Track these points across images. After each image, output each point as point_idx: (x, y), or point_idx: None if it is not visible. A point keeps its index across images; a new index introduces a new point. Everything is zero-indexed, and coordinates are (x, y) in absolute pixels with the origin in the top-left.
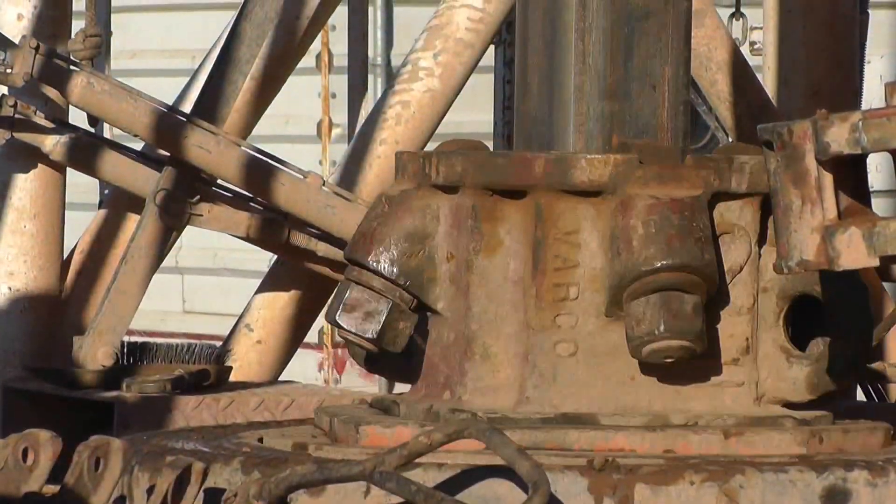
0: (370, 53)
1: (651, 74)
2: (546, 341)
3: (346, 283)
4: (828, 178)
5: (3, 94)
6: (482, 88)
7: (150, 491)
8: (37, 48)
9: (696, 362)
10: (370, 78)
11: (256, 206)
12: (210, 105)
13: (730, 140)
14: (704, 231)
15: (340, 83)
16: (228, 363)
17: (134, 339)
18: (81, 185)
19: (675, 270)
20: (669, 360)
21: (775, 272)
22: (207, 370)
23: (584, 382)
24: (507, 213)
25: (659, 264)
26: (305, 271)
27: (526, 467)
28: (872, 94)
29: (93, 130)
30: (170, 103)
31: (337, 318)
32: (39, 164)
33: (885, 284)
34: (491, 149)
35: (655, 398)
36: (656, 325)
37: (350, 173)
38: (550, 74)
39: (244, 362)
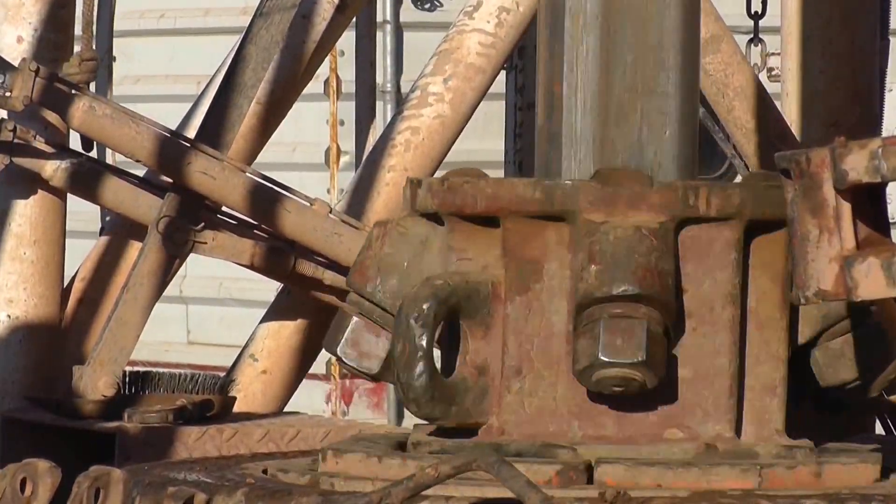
0: (379, 79)
1: None
2: None
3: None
4: (846, 208)
5: (3, 119)
6: (492, 115)
7: None
8: (37, 71)
9: None
10: (380, 104)
11: (261, 233)
12: (214, 130)
13: (748, 169)
14: None
15: (349, 110)
16: (232, 393)
17: (136, 368)
18: (82, 212)
19: None
20: None
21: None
22: (211, 400)
23: None
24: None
25: None
26: (311, 300)
27: (535, 500)
28: (894, 122)
29: (94, 155)
30: (174, 129)
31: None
32: (39, 190)
33: None
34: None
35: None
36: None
37: (357, 201)
38: (637, 99)
39: (248, 393)
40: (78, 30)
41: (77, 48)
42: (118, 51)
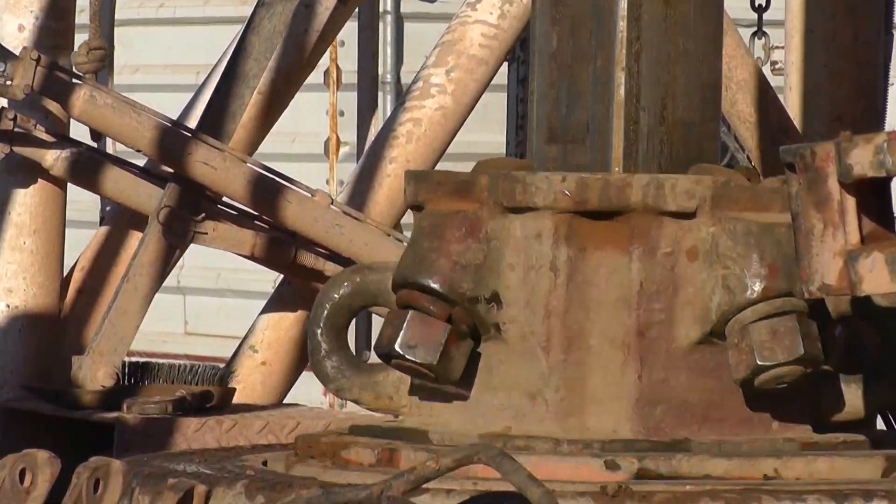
0: (380, 70)
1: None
2: None
3: None
4: (850, 202)
5: (3, 107)
6: (492, 107)
7: None
8: (38, 60)
9: None
10: (379, 95)
11: (262, 224)
12: (216, 120)
13: (750, 162)
14: None
15: (348, 100)
16: (232, 385)
17: (135, 359)
18: (82, 202)
19: None
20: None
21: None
22: (210, 392)
23: None
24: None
25: None
26: (312, 292)
27: (537, 494)
28: None
29: (95, 145)
30: (174, 119)
31: None
32: (40, 180)
33: None
34: None
35: None
36: None
37: (359, 192)
38: None
39: (248, 384)
40: (78, 18)
41: (78, 36)
42: (117, 40)
